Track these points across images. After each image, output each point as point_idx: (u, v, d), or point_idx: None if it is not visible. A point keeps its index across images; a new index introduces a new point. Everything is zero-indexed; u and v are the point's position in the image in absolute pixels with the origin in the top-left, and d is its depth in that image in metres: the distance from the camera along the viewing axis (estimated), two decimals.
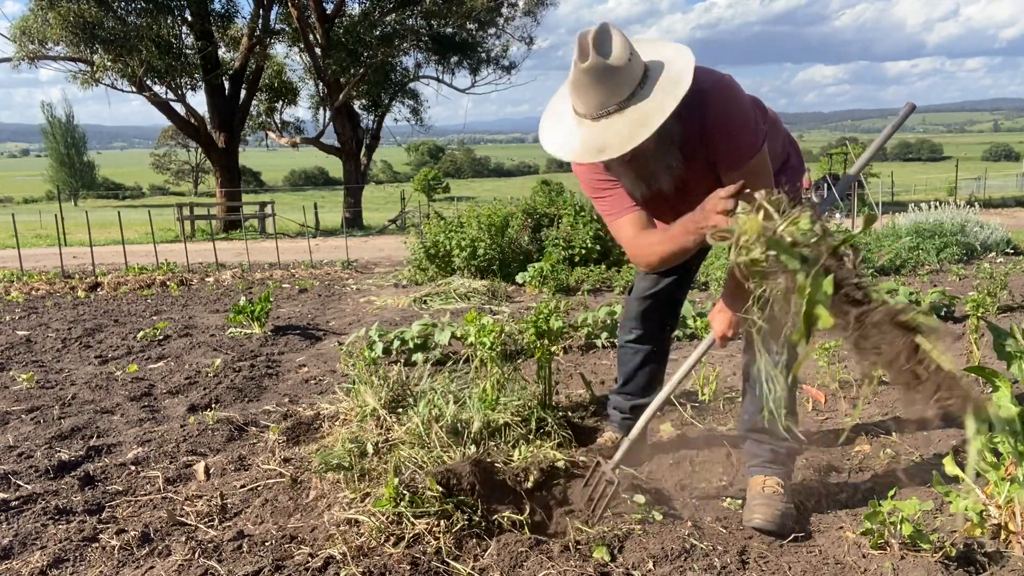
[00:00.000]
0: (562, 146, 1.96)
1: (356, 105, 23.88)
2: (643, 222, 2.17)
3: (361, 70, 21.19)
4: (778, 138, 2.24)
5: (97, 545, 2.12)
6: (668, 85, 1.85)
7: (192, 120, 21.34)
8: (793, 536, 2.09)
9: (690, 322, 4.55)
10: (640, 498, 2.27)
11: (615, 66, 1.83)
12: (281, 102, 25.12)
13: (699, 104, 1.93)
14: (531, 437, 2.68)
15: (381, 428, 2.73)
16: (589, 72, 1.84)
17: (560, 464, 2.52)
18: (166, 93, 20.57)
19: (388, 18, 22.01)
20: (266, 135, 25.65)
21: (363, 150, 23.79)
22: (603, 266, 7.49)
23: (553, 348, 3.06)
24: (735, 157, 1.96)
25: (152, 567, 1.99)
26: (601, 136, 1.87)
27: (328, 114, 22.89)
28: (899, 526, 1.92)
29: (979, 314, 3.55)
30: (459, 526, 2.07)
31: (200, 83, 20.98)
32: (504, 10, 23.24)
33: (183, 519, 2.28)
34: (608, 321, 4.54)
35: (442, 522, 2.07)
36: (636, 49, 1.88)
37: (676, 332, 4.52)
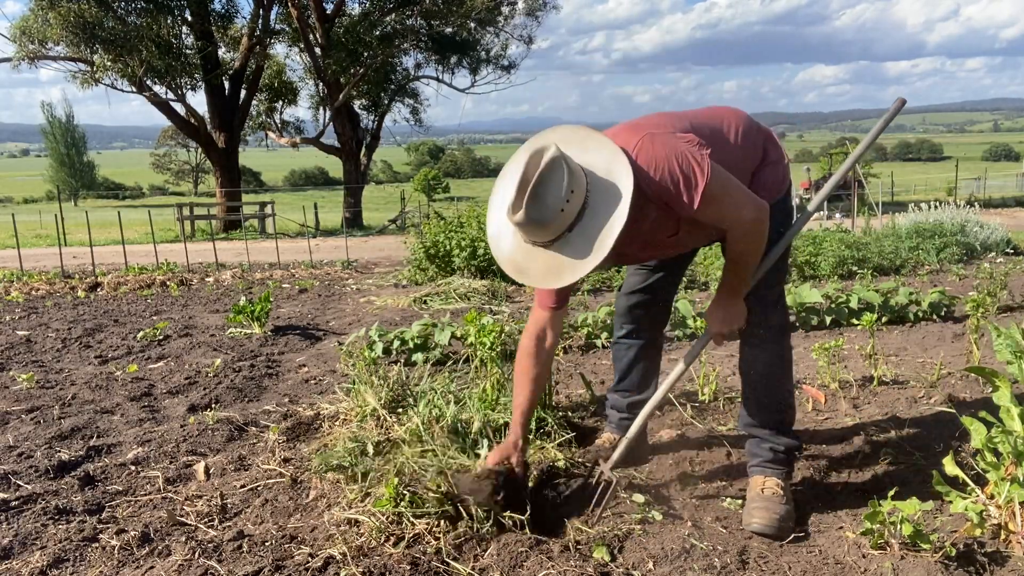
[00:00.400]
0: (520, 268, 1.99)
1: (356, 105, 23.88)
2: (543, 322, 2.26)
3: (361, 70, 21.18)
4: (747, 142, 2.22)
5: (97, 545, 2.12)
6: (609, 209, 1.86)
7: (192, 120, 21.34)
8: (793, 536, 2.09)
9: (690, 322, 4.55)
10: (639, 497, 2.27)
11: (549, 218, 1.85)
12: (281, 102, 25.11)
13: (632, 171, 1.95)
14: (531, 437, 2.68)
15: (381, 428, 2.73)
16: (522, 224, 1.88)
17: (560, 464, 2.52)
18: (166, 93, 20.57)
19: (388, 18, 22.01)
20: (266, 135, 25.64)
21: (363, 150, 23.78)
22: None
23: None
24: (686, 205, 1.96)
25: (152, 567, 1.99)
26: (557, 261, 1.92)
27: (328, 114, 22.89)
28: (899, 526, 1.92)
29: (979, 314, 3.55)
30: (461, 528, 2.07)
31: (200, 83, 20.97)
32: (504, 9, 23.23)
33: (183, 519, 2.28)
34: (608, 321, 4.54)
35: (442, 522, 2.07)
36: (572, 168, 1.87)
37: (676, 332, 4.53)
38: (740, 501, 2.28)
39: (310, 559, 1.98)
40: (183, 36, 20.70)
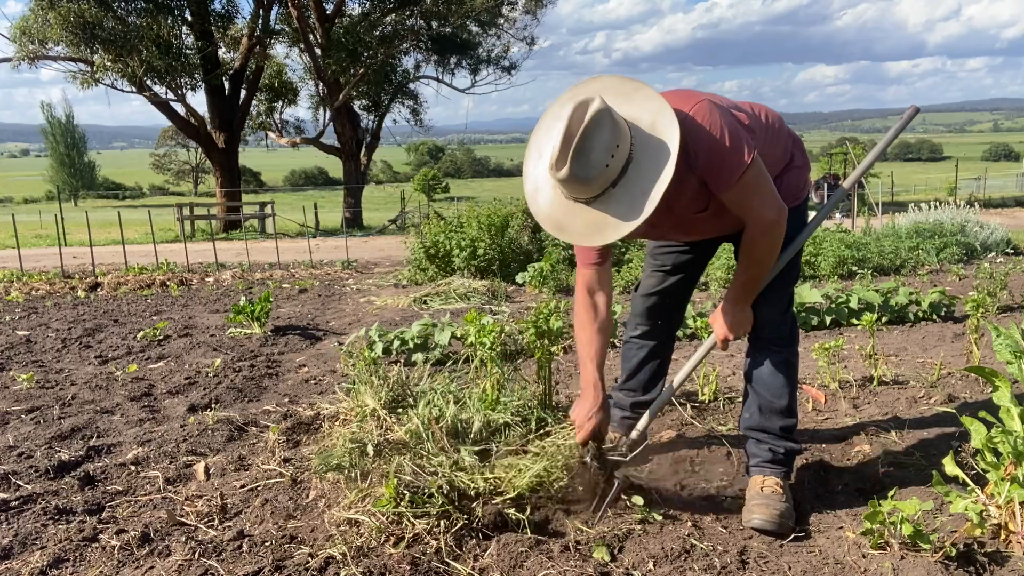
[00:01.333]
0: (561, 224, 1.95)
1: (356, 105, 23.88)
2: (591, 279, 2.24)
3: (361, 70, 21.18)
4: (779, 141, 2.24)
5: (97, 545, 2.12)
6: (655, 167, 1.82)
7: (192, 120, 21.34)
8: (793, 536, 2.09)
9: (690, 322, 4.55)
10: (639, 499, 2.27)
11: (594, 175, 1.81)
12: (281, 102, 25.11)
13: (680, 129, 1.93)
14: (531, 437, 2.68)
15: (381, 428, 2.73)
16: (565, 181, 1.84)
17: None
18: (166, 93, 20.57)
19: (388, 18, 22.01)
20: (266, 135, 25.64)
21: (363, 150, 23.78)
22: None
23: (553, 348, 3.06)
24: (724, 179, 1.95)
25: (152, 567, 1.99)
26: (598, 217, 1.88)
27: (328, 114, 22.89)
28: (899, 526, 1.91)
29: (979, 314, 3.55)
30: (459, 526, 2.07)
31: (200, 83, 20.97)
32: (504, 10, 23.23)
33: (183, 519, 2.28)
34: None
35: (442, 522, 2.07)
36: (617, 121, 1.83)
37: (676, 331, 4.53)
38: (740, 501, 2.28)
39: (310, 559, 1.98)
40: (183, 36, 20.70)
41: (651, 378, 2.66)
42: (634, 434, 2.30)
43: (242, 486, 2.51)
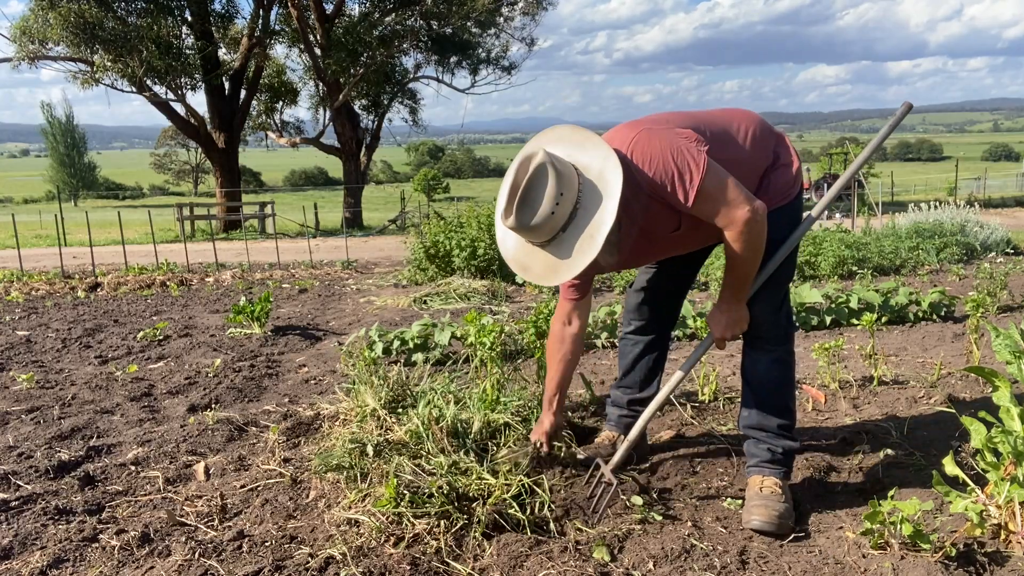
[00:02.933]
0: (524, 266, 2.10)
1: (356, 105, 23.87)
2: (570, 311, 2.42)
3: (361, 70, 21.18)
4: (759, 145, 2.24)
5: (97, 545, 2.12)
6: (599, 208, 1.93)
7: (192, 120, 21.33)
8: (793, 536, 2.09)
9: (690, 322, 4.55)
10: (637, 499, 2.27)
11: (540, 222, 1.94)
12: (281, 102, 25.09)
13: (627, 167, 1.99)
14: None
15: (381, 428, 2.73)
16: (514, 229, 1.99)
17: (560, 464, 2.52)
18: (166, 93, 20.55)
19: (388, 18, 22.00)
20: (266, 135, 25.63)
21: (363, 150, 23.77)
22: None
23: None
24: (683, 197, 2.00)
25: (152, 567, 1.99)
26: (552, 260, 2.01)
27: (328, 114, 22.88)
28: (899, 526, 1.91)
29: (979, 314, 3.55)
30: (459, 526, 2.07)
31: (200, 83, 20.96)
32: (504, 10, 23.22)
33: (183, 519, 2.28)
34: (608, 321, 4.54)
35: (442, 522, 2.07)
36: (563, 170, 1.95)
37: (676, 332, 4.53)
38: (740, 501, 2.28)
39: (310, 559, 1.98)
40: (183, 36, 20.68)
41: (647, 375, 2.66)
42: (632, 433, 2.31)
43: (242, 486, 2.51)
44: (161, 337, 5.13)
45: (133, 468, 2.70)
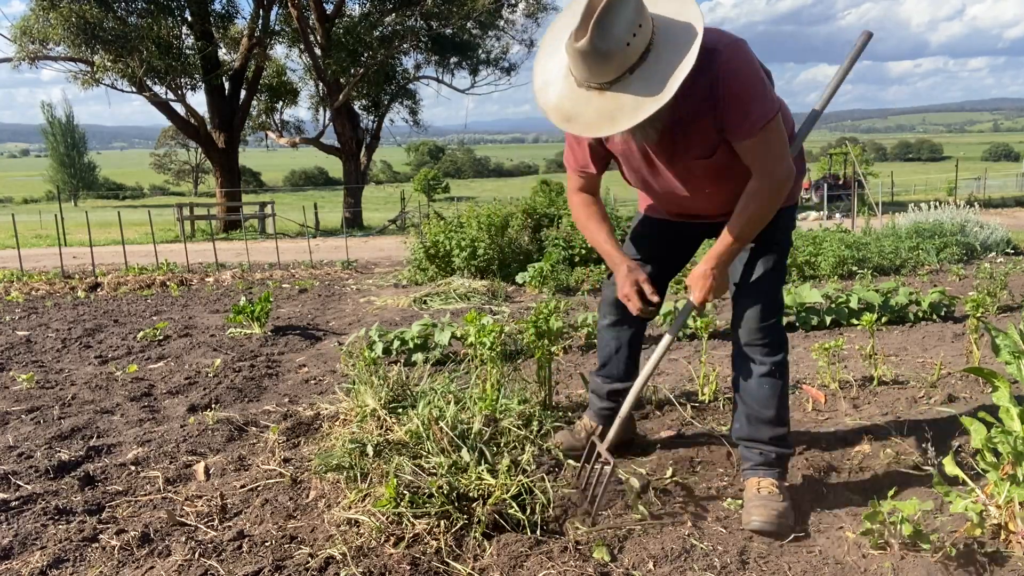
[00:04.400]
0: (570, 115, 1.89)
1: (356, 105, 23.88)
2: (583, 184, 2.32)
3: (361, 70, 21.18)
4: (787, 121, 2.22)
5: (97, 545, 2.12)
6: (676, 54, 1.78)
7: (192, 120, 21.34)
8: (793, 536, 2.09)
9: (690, 322, 4.55)
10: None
11: (614, 50, 1.77)
12: (281, 102, 25.11)
13: (708, 65, 1.86)
14: (532, 437, 2.68)
15: (381, 428, 2.73)
16: (584, 53, 1.78)
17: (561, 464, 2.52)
18: (166, 93, 20.57)
19: (388, 19, 22.01)
20: (266, 135, 25.64)
21: (363, 150, 23.79)
22: (603, 266, 7.49)
23: (553, 348, 3.06)
24: (748, 125, 1.91)
25: (152, 567, 1.99)
26: (612, 104, 1.82)
27: (328, 114, 22.89)
28: (899, 526, 1.92)
29: (979, 314, 3.55)
30: (459, 526, 2.07)
31: (200, 83, 20.98)
32: (504, 12, 23.23)
33: (183, 519, 2.28)
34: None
35: (442, 522, 2.07)
36: (641, 3, 1.79)
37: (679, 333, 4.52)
38: (740, 501, 2.28)
39: (310, 559, 1.98)
40: (183, 36, 20.70)
41: (626, 366, 2.63)
42: (623, 409, 2.30)
43: (242, 486, 2.51)
44: (161, 337, 5.13)
45: (133, 468, 2.70)
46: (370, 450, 2.51)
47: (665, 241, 2.51)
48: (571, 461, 2.56)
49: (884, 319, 4.80)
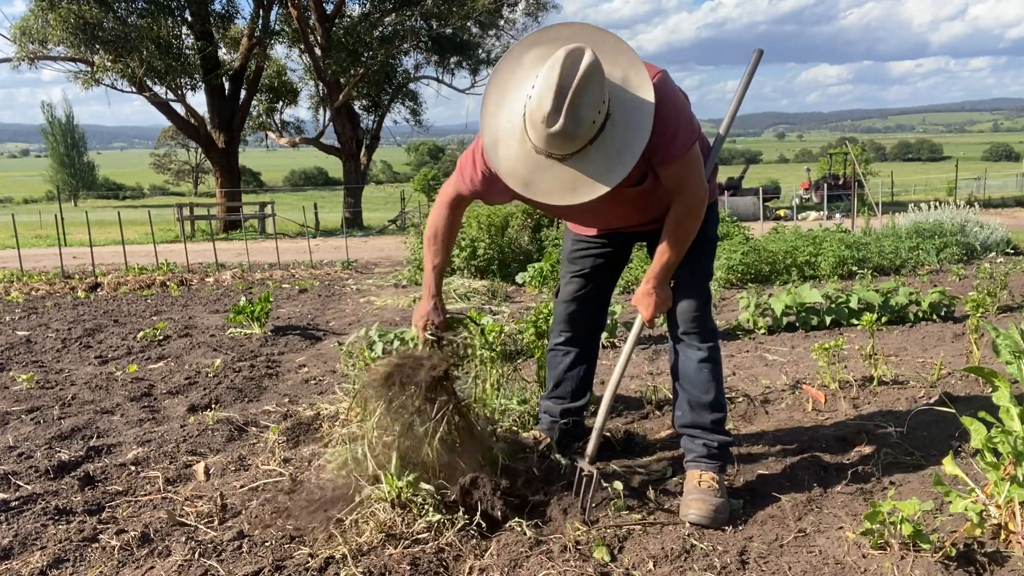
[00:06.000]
0: (527, 182, 1.90)
1: (356, 105, 23.88)
2: (463, 200, 2.30)
3: (361, 70, 21.18)
4: (703, 143, 2.30)
5: (97, 545, 2.12)
6: (630, 128, 1.84)
7: (192, 120, 21.34)
8: (793, 536, 2.09)
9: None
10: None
11: (584, 131, 1.80)
12: (281, 102, 25.11)
13: None
14: (531, 433, 2.68)
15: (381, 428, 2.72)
16: (555, 135, 1.79)
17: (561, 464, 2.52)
18: (166, 93, 20.57)
19: (388, 19, 22.01)
20: (266, 135, 25.64)
21: (363, 150, 23.78)
22: None
23: None
24: (674, 152, 1.99)
25: (152, 567, 1.99)
26: (572, 176, 1.85)
27: (328, 114, 22.89)
28: (899, 526, 1.91)
29: (979, 314, 3.55)
30: (459, 526, 2.07)
31: (200, 83, 20.97)
32: (505, 11, 23.23)
33: (183, 519, 2.28)
34: (608, 322, 4.54)
35: (442, 522, 2.07)
36: (604, 85, 1.81)
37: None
38: (740, 501, 2.28)
39: (310, 559, 1.98)
40: (183, 37, 20.70)
41: (579, 385, 2.67)
42: (597, 423, 2.33)
43: (242, 486, 2.51)
44: (161, 337, 5.13)
45: (133, 468, 2.70)
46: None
47: (598, 255, 2.56)
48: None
49: (884, 319, 4.80)
